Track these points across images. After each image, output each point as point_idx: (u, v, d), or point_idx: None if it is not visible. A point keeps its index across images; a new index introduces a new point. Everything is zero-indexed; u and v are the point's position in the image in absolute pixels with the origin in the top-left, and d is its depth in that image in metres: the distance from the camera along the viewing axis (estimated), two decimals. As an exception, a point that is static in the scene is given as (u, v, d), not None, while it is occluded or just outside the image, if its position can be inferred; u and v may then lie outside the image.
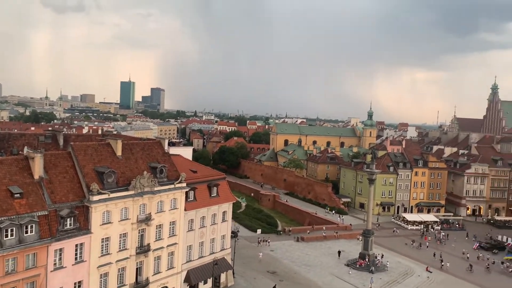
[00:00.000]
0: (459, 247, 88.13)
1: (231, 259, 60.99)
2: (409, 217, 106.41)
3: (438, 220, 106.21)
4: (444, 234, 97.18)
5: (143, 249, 45.14)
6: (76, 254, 38.98)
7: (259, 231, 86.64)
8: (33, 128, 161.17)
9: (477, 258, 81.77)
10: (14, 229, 34.13)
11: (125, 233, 43.15)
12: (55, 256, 37.34)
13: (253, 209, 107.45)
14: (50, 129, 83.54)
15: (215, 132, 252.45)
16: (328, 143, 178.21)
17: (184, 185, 49.77)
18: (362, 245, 74.50)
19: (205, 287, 55.09)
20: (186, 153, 60.89)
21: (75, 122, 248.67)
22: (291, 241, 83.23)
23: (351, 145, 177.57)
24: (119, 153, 45.32)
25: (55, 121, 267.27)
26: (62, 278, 37.83)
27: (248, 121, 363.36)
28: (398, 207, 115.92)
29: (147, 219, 45.07)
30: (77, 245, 38.90)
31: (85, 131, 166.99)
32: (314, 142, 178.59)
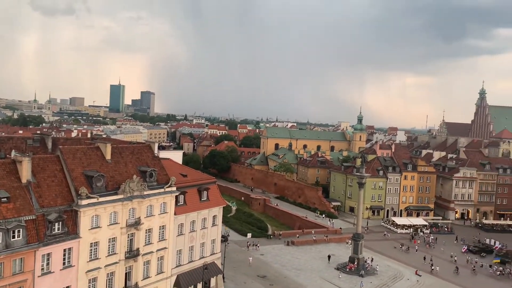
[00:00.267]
0: (448, 250, 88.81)
1: (221, 264, 60.80)
2: (399, 220, 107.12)
3: (427, 223, 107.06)
4: (433, 237, 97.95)
5: (133, 254, 44.77)
6: (64, 259, 38.51)
7: (249, 235, 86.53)
8: (21, 131, 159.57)
9: (467, 261, 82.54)
10: (0, 233, 33.62)
11: (114, 238, 42.78)
12: (43, 261, 36.87)
13: (243, 213, 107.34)
14: (38, 132, 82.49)
15: (205, 136, 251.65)
16: (318, 147, 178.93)
17: (174, 189, 49.54)
18: (352, 248, 74.79)
19: (195, 292, 54.75)
20: (176, 157, 60.72)
21: (64, 125, 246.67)
22: (282, 245, 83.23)
23: (341, 149, 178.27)
24: (108, 157, 45.01)
25: (44, 124, 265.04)
26: (49, 283, 37.35)
27: (238, 125, 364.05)
28: (387, 210, 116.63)
29: (137, 224, 44.75)
30: (65, 250, 38.46)
31: (74, 134, 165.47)
32: (304, 146, 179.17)
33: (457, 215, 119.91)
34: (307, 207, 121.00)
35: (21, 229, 34.88)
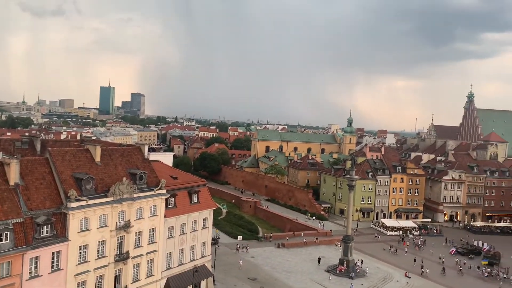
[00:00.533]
0: (437, 252, 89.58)
1: (212, 266, 60.63)
2: (388, 223, 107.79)
3: (416, 226, 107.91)
4: (422, 239, 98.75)
5: (122, 257, 44.47)
6: (52, 262, 38.08)
7: (240, 237, 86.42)
8: (9, 133, 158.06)
9: (456, 263, 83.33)
10: (-12, 237, 33.26)
11: (104, 241, 42.46)
12: (31, 264, 36.43)
13: (234, 215, 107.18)
14: (27, 134, 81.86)
15: (196, 138, 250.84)
16: (309, 150, 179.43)
17: (164, 191, 49.36)
18: (342, 251, 75.08)
19: (185, 295, 54.53)
20: (166, 159, 60.43)
21: (53, 127, 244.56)
22: (272, 248, 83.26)
23: (331, 151, 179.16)
24: (98, 159, 44.70)
25: (32, 126, 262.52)
26: (38, 287, 36.90)
27: (229, 127, 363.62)
28: (377, 213, 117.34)
29: (126, 226, 44.49)
30: (53, 253, 38.05)
31: (63, 136, 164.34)
32: (295, 148, 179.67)
33: (445, 217, 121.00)
34: (297, 209, 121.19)
35: (8, 232, 34.45)
